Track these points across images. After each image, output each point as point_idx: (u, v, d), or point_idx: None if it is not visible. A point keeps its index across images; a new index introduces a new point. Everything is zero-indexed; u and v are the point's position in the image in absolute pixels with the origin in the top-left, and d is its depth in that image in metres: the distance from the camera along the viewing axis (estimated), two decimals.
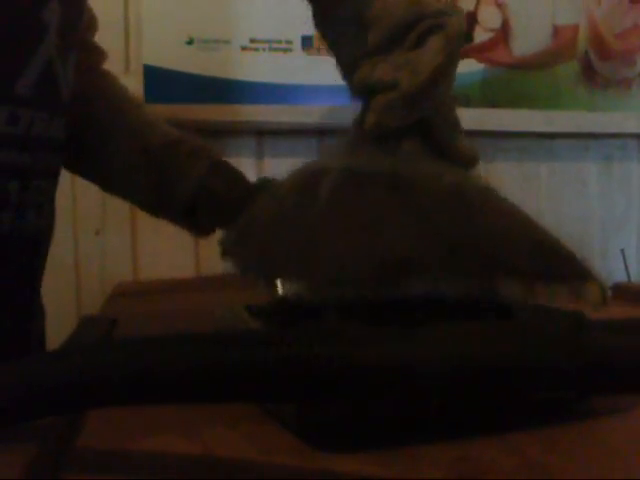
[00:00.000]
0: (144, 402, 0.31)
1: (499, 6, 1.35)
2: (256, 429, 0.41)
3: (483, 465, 0.34)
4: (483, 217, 0.45)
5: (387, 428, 0.37)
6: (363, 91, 0.52)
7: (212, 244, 1.11)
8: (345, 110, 1.31)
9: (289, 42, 1.28)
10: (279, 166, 1.35)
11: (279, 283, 0.43)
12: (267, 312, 0.53)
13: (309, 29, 1.28)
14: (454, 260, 0.41)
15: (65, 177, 0.73)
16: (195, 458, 0.39)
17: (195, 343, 0.28)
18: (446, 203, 0.45)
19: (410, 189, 0.46)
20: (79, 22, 0.64)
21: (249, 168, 1.34)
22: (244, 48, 1.26)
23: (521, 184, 1.45)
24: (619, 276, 1.42)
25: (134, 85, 1.22)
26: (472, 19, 1.34)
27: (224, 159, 0.79)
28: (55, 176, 0.66)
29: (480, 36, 1.35)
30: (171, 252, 1.29)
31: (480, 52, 1.34)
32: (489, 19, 1.35)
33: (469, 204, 0.46)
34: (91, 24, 0.77)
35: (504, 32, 1.35)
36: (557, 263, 0.44)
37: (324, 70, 1.30)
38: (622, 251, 1.40)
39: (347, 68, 0.54)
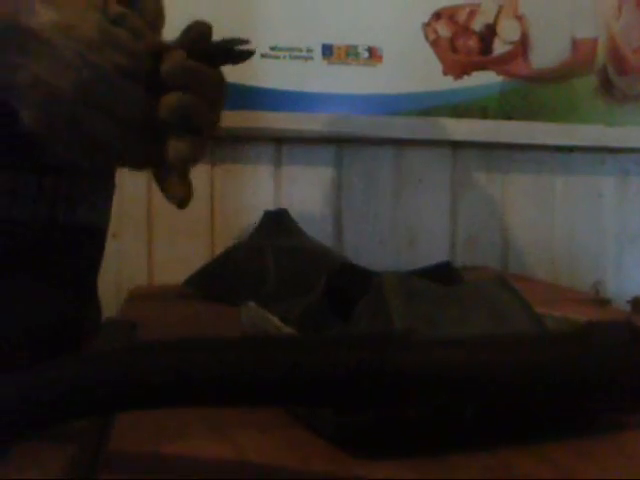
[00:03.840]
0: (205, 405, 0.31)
1: (518, 19, 1.35)
2: (288, 434, 0.41)
3: (516, 474, 0.35)
4: None
5: (421, 435, 0.38)
6: None
7: (227, 246, 1.12)
8: (363, 119, 1.32)
9: (309, 50, 1.29)
10: (297, 174, 1.36)
11: None
12: (296, 317, 0.54)
13: (329, 37, 1.30)
14: None
15: None
16: (229, 461, 0.39)
17: (257, 349, 0.29)
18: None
19: None
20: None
21: (267, 175, 1.34)
22: (264, 55, 1.27)
23: (536, 197, 1.45)
24: (637, 290, 1.42)
25: None
26: (491, 31, 1.35)
27: None
28: (101, 176, 0.67)
29: (499, 48, 1.35)
30: (186, 256, 1.30)
31: (498, 64, 1.35)
32: (508, 31, 1.35)
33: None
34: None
35: (523, 45, 1.36)
36: None
37: (344, 79, 1.31)
38: None
39: None
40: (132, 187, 1.24)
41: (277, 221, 1.08)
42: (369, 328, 0.43)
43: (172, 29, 0.54)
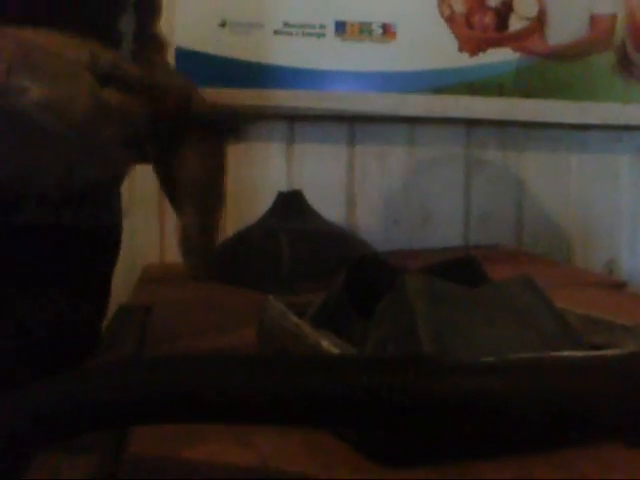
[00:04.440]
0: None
1: None
2: (310, 438, 0.41)
3: None
4: None
5: (447, 443, 0.37)
6: None
7: (239, 224, 1.11)
8: (377, 97, 1.31)
9: (322, 27, 1.27)
10: (310, 152, 1.34)
11: None
12: (315, 315, 0.53)
13: (342, 14, 1.28)
14: None
15: None
16: (249, 465, 0.39)
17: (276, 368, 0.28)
18: None
19: None
20: (154, 21, 0.64)
21: (279, 153, 1.33)
22: (277, 32, 1.25)
23: (552, 175, 1.43)
24: None
25: None
26: (508, 7, 1.32)
27: None
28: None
29: (515, 24, 1.33)
30: None
31: (515, 41, 1.32)
32: (525, 7, 1.32)
33: None
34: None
35: (540, 21, 1.33)
36: None
37: (357, 56, 1.29)
38: None
39: None
40: None
41: (290, 203, 1.07)
42: (393, 333, 0.42)
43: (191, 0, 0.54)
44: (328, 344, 0.42)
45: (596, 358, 0.39)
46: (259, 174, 1.34)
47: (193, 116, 0.52)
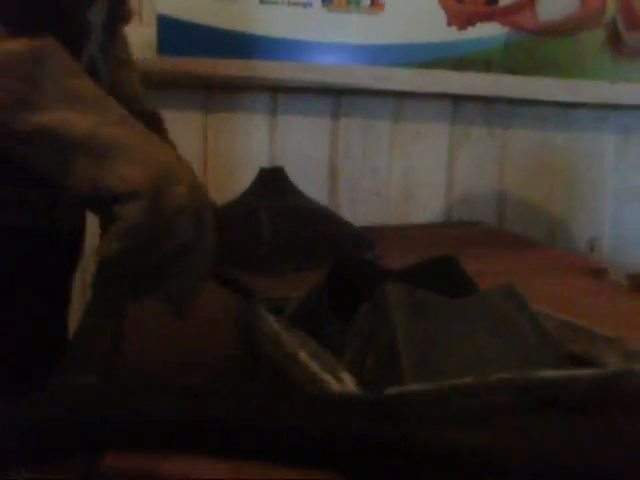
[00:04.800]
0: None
1: None
2: None
3: None
4: None
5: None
6: None
7: (219, 196, 1.08)
8: (363, 70, 1.28)
9: None
10: (293, 124, 1.32)
11: None
12: (292, 316, 0.52)
13: None
14: None
15: None
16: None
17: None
18: None
19: None
20: (122, 13, 0.62)
21: (262, 125, 1.31)
22: (263, 1, 1.22)
23: (537, 153, 1.42)
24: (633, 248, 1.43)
25: (147, 36, 1.18)
26: None
27: None
28: None
29: None
30: None
31: (505, 15, 1.30)
32: None
33: None
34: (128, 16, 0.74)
35: None
36: None
37: (343, 28, 1.26)
38: None
39: None
40: None
41: (272, 179, 1.05)
42: (373, 346, 0.41)
43: None
44: (305, 355, 0.41)
45: (576, 378, 0.38)
46: (241, 146, 1.31)
47: None
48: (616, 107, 1.40)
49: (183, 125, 1.26)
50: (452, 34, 1.28)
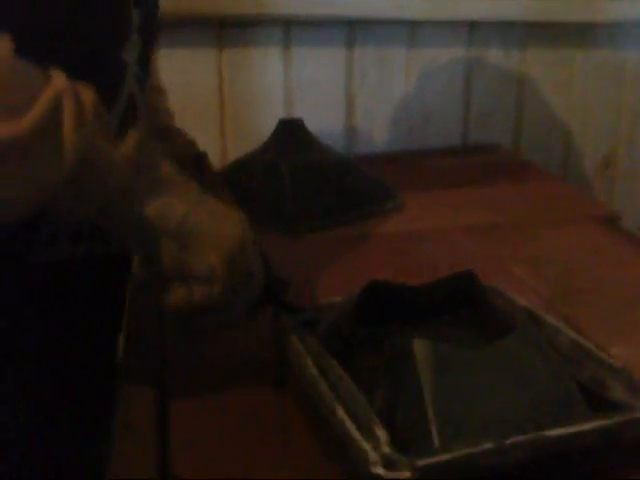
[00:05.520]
0: None
1: None
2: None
3: None
4: None
5: None
6: None
7: (237, 135, 1.09)
8: (376, 2, 1.26)
9: None
10: (307, 56, 1.31)
11: None
12: (326, 336, 0.57)
13: None
14: None
15: None
16: None
17: None
18: None
19: None
20: (155, 41, 0.63)
21: (277, 58, 1.30)
22: None
23: (554, 72, 1.41)
24: None
25: None
26: None
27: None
28: None
29: None
30: None
31: None
32: None
33: None
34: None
35: None
36: None
37: None
38: None
39: None
40: None
41: (291, 132, 1.07)
42: (402, 399, 0.46)
43: None
44: (343, 413, 0.46)
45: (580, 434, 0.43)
46: (257, 80, 1.31)
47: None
48: (636, 25, 1.37)
49: (198, 62, 1.27)
50: None
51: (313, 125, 1.11)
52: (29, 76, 0.43)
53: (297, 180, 1.01)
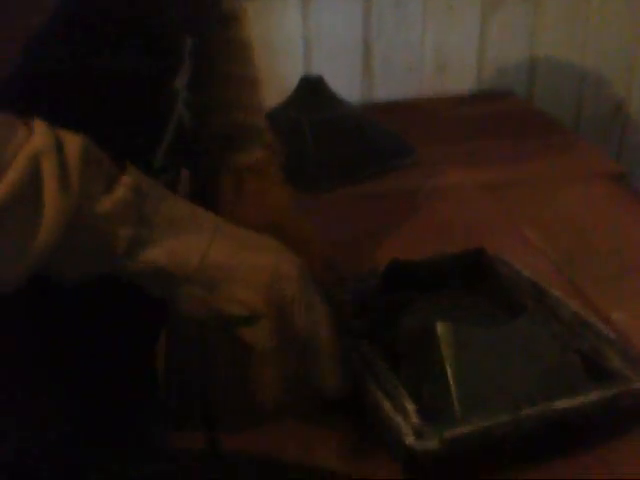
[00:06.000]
0: None
1: None
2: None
3: None
4: None
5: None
6: None
7: None
8: None
9: None
10: (325, 5, 1.33)
11: None
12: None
13: None
14: None
15: None
16: None
17: None
18: None
19: None
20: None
21: (295, 8, 1.32)
22: None
23: (570, 15, 1.42)
24: None
25: None
26: None
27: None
28: None
29: None
30: None
31: None
32: None
33: None
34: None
35: None
36: None
37: None
38: None
39: None
40: None
41: (313, 89, 1.10)
42: (426, 375, 0.53)
43: None
44: (375, 388, 0.53)
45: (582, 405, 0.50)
46: (275, 30, 1.34)
47: None
48: None
49: None
50: None
51: (331, 73, 1.15)
52: (8, 132, 0.39)
53: (319, 137, 1.05)
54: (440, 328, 0.53)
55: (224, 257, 0.46)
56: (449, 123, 1.30)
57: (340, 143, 1.07)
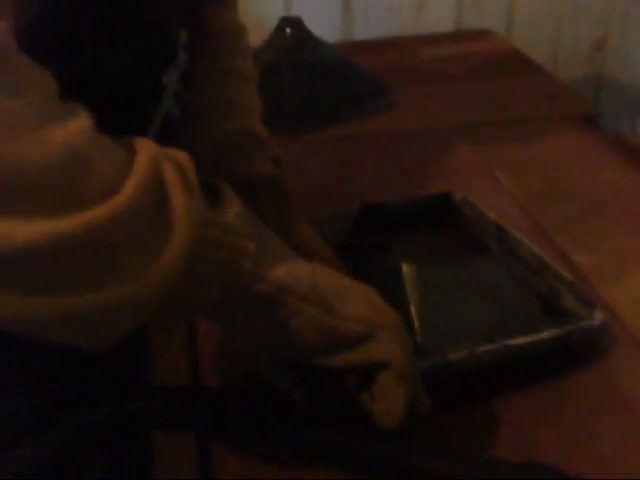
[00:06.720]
0: None
1: None
2: None
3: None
4: None
5: None
6: None
7: None
8: None
9: None
10: None
11: None
12: None
13: None
14: None
15: None
16: None
17: None
18: None
19: None
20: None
21: None
22: None
23: None
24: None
25: None
26: None
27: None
28: None
29: None
30: None
31: None
32: None
33: None
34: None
35: None
36: None
37: None
38: None
39: None
40: None
41: (291, 30, 1.10)
42: None
43: None
44: None
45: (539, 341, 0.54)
46: None
47: None
48: None
49: None
50: None
51: (311, 13, 1.15)
52: (113, 150, 0.35)
53: (296, 80, 1.06)
54: (405, 269, 0.56)
55: (327, 278, 0.44)
56: (427, 63, 1.31)
57: (318, 86, 1.08)
